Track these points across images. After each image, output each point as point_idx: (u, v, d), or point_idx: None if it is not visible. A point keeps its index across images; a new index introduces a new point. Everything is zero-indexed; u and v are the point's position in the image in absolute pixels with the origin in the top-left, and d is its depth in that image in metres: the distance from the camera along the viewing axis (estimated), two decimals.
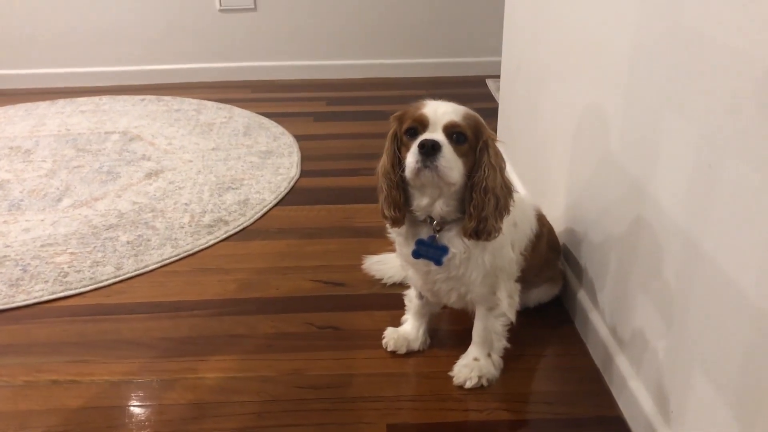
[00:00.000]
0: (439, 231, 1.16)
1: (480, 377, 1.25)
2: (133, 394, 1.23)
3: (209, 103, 2.83)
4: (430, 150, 1.06)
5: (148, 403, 1.21)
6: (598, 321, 1.32)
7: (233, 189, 2.02)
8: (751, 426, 0.81)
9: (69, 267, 1.62)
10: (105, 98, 2.91)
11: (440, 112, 1.09)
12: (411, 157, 1.07)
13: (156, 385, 1.25)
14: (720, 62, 0.85)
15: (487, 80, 3.06)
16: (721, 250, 0.86)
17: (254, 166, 2.19)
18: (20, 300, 1.49)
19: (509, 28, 2.04)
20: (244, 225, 1.83)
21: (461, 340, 1.31)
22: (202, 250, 1.71)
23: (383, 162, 1.16)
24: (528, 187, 1.83)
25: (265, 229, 1.83)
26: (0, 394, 1.22)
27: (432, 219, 1.16)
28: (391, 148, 1.14)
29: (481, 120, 1.12)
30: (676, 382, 1.01)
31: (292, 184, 2.07)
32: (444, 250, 1.16)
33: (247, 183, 2.06)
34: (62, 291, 1.53)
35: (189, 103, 2.83)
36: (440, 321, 1.43)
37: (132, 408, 1.20)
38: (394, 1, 3.05)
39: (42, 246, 1.71)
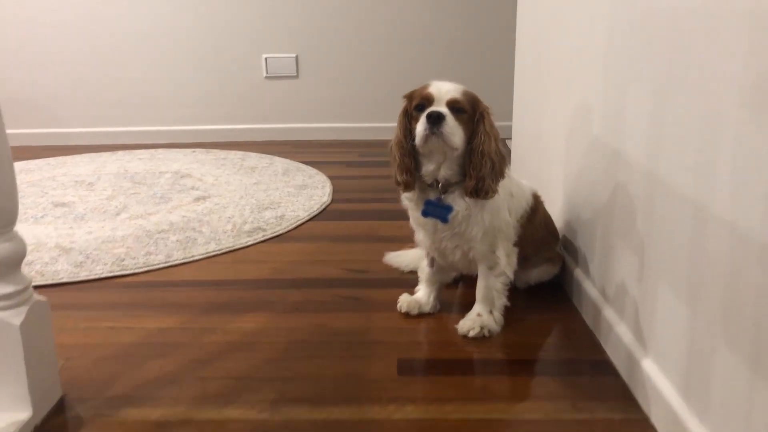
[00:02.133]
0: (444, 193, 1.36)
1: (482, 328, 1.40)
2: (178, 336, 1.41)
3: (253, 154, 3.13)
4: (436, 119, 1.28)
5: (190, 340, 1.39)
6: (590, 287, 1.47)
7: (271, 209, 2.25)
8: (696, 316, 0.97)
9: (125, 255, 1.84)
10: (160, 150, 3.24)
11: (443, 90, 1.32)
12: (420, 126, 1.30)
13: (198, 332, 1.43)
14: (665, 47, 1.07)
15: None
16: (676, 179, 1.05)
17: (291, 194, 2.43)
18: (83, 276, 1.71)
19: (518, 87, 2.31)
20: (280, 232, 2.04)
21: (468, 310, 1.46)
22: (242, 248, 1.92)
23: (396, 134, 1.38)
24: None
25: (298, 236, 2.04)
26: (66, 333, 1.41)
27: (438, 182, 1.36)
28: (403, 122, 1.37)
29: (478, 96, 1.34)
30: (647, 310, 1.16)
31: (324, 206, 2.30)
32: (449, 208, 1.36)
33: (284, 205, 2.29)
34: (119, 271, 1.74)
35: (234, 154, 3.13)
36: (451, 298, 1.59)
37: (176, 344, 1.38)
38: (418, 72, 3.37)
39: (102, 242, 1.95)
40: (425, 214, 1.38)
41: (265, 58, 3.46)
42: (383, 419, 1.12)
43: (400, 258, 1.78)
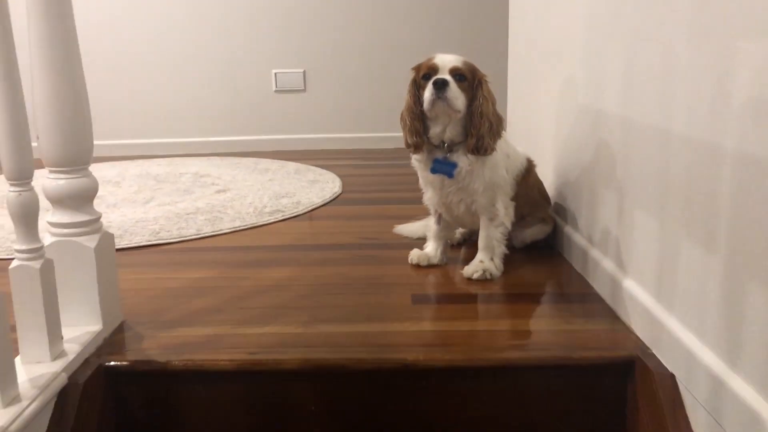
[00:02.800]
0: (449, 152, 1.57)
1: (484, 271, 1.59)
2: (217, 282, 1.60)
3: (265, 160, 3.34)
4: (441, 85, 1.49)
5: (229, 284, 1.58)
6: (578, 238, 1.67)
7: (287, 197, 2.45)
8: (663, 226, 1.17)
9: (160, 229, 2.03)
10: (177, 159, 3.45)
11: (446, 60, 1.53)
12: (427, 92, 1.51)
13: (234, 279, 1.62)
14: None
15: None
16: (644, 116, 1.26)
17: (304, 187, 2.63)
18: (123, 244, 1.90)
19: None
20: (297, 213, 2.24)
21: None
22: (264, 224, 2.12)
23: (407, 101, 1.59)
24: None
25: (314, 215, 2.24)
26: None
27: (444, 143, 1.57)
28: (412, 90, 1.58)
29: (476, 66, 1.56)
30: (626, 240, 1.36)
31: (335, 195, 2.50)
32: (454, 164, 1.56)
33: (299, 194, 2.50)
34: (156, 240, 1.94)
35: (248, 160, 3.35)
36: (456, 256, 1.78)
37: (216, 287, 1.56)
38: None
39: (137, 222, 2.14)
40: (434, 171, 1.58)
41: (275, 73, 3.70)
42: (402, 331, 1.30)
43: (408, 228, 1.98)
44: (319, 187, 2.63)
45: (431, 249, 1.72)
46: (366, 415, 1.21)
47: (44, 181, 1.21)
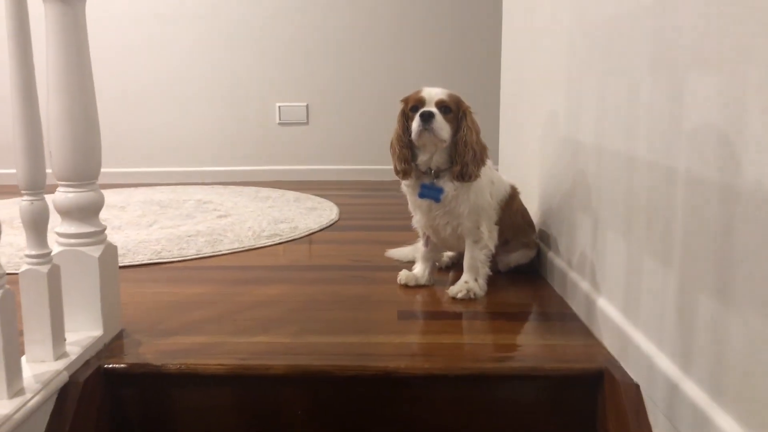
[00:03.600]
0: (436, 178, 1.66)
1: (468, 291, 1.67)
2: (213, 297, 1.68)
3: (266, 188, 3.44)
4: (427, 117, 1.59)
5: (224, 299, 1.66)
6: (559, 261, 1.75)
7: (285, 222, 2.54)
8: (630, 245, 1.25)
9: (161, 249, 2.12)
10: (179, 186, 3.56)
11: (432, 93, 1.63)
12: (415, 123, 1.61)
13: (230, 295, 1.70)
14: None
15: None
16: (613, 144, 1.35)
17: (302, 214, 2.73)
18: (126, 262, 1.98)
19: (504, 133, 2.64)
20: (294, 237, 2.33)
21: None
22: (262, 247, 2.20)
23: (396, 131, 1.69)
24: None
25: (310, 240, 2.33)
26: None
27: (431, 169, 1.66)
28: (401, 120, 1.68)
29: (461, 98, 1.66)
30: (599, 262, 1.44)
31: (332, 222, 2.59)
32: (440, 190, 1.66)
33: (297, 220, 2.59)
34: (157, 259, 2.02)
35: (249, 188, 3.45)
36: (444, 279, 1.86)
37: (213, 301, 1.64)
38: None
39: (139, 242, 2.23)
40: (422, 195, 1.67)
41: (279, 107, 3.83)
42: (386, 342, 1.37)
43: (399, 252, 2.06)
44: (317, 214, 2.72)
45: (419, 270, 1.80)
46: (349, 420, 1.27)
47: (55, 194, 1.30)
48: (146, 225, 2.52)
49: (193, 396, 1.27)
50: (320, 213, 2.74)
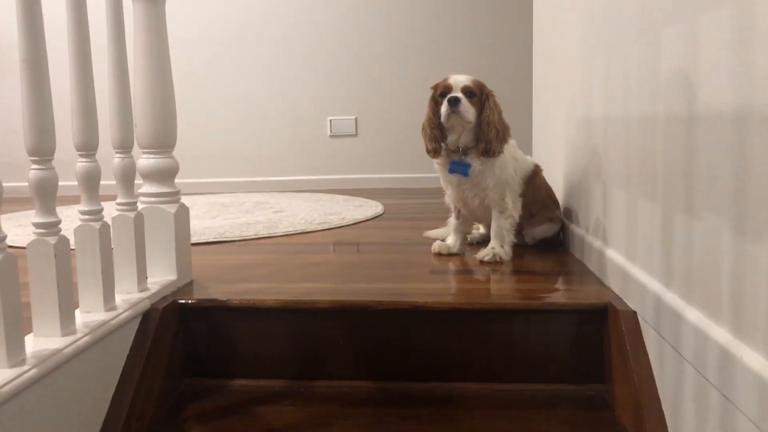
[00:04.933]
0: (464, 155, 1.87)
1: (495, 255, 1.86)
2: (269, 261, 1.91)
3: (318, 193, 3.70)
4: (454, 102, 1.80)
5: (278, 262, 1.89)
6: (579, 231, 1.92)
7: (335, 215, 2.78)
8: (629, 192, 1.43)
9: (224, 231, 2.38)
10: (240, 193, 3.85)
11: (458, 80, 1.85)
12: (444, 108, 1.82)
13: (284, 260, 1.93)
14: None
15: None
16: (614, 107, 1.54)
17: (350, 210, 2.96)
18: (193, 240, 2.24)
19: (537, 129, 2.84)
20: (342, 225, 2.56)
21: None
22: (312, 231, 2.44)
23: (427, 114, 1.90)
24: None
25: (357, 227, 2.55)
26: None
27: (459, 148, 1.87)
28: (431, 105, 1.90)
29: (484, 83, 1.87)
30: (609, 220, 1.61)
31: (377, 215, 2.82)
32: (468, 165, 1.86)
33: (345, 213, 2.82)
34: (221, 239, 2.28)
35: (302, 194, 3.72)
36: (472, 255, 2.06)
37: (268, 263, 1.87)
38: None
39: (205, 228, 2.50)
40: (451, 171, 1.88)
41: (330, 120, 4.11)
42: (418, 287, 1.58)
43: (435, 232, 2.26)
44: (363, 209, 2.95)
45: (451, 240, 1.99)
46: (382, 348, 1.47)
47: (139, 161, 1.56)
48: (210, 218, 2.79)
49: (252, 326, 1.49)
50: (366, 209, 2.97)
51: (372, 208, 3.01)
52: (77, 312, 1.25)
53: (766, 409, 0.80)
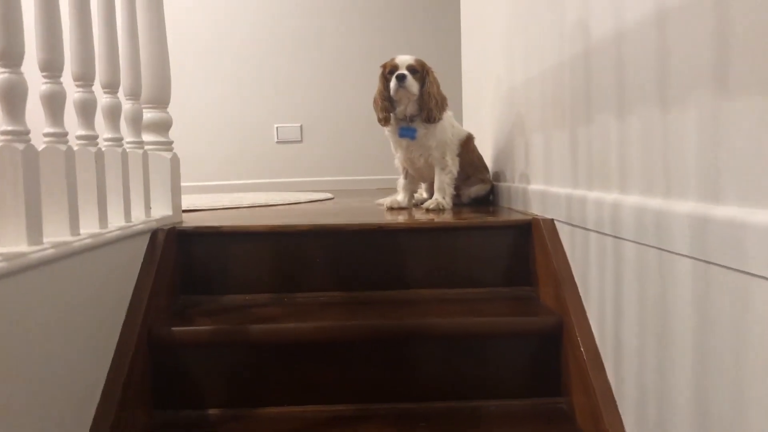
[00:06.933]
0: (410, 122, 2.23)
1: (438, 204, 2.21)
2: (248, 214, 2.20)
3: (270, 193, 3.99)
4: (401, 78, 2.17)
5: (257, 214, 2.17)
6: (506, 184, 2.29)
7: (293, 199, 3.08)
8: (545, 135, 1.81)
9: (191, 204, 2.64)
10: (192, 195, 4.09)
11: (404, 59, 2.22)
12: (392, 83, 2.19)
13: (263, 214, 2.22)
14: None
15: None
16: (532, 72, 1.94)
17: (304, 196, 3.27)
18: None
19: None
20: (299, 202, 2.86)
21: None
22: (274, 205, 2.73)
23: (378, 88, 2.26)
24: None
25: (314, 204, 2.86)
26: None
27: (406, 117, 2.23)
28: (381, 81, 2.26)
29: (425, 61, 2.24)
30: (530, 163, 1.99)
31: (330, 198, 3.13)
32: (414, 130, 2.22)
33: (300, 197, 3.13)
34: (192, 207, 2.54)
35: (255, 193, 4.00)
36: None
37: (248, 215, 2.16)
38: None
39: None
40: (401, 135, 2.24)
41: (276, 127, 4.42)
42: (379, 220, 1.90)
43: (384, 200, 2.59)
44: (316, 196, 3.27)
45: (401, 197, 2.34)
46: (353, 261, 1.78)
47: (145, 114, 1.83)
48: None
49: (243, 247, 1.77)
50: (317, 196, 3.29)
51: (321, 195, 3.33)
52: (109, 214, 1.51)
53: (640, 226, 1.15)
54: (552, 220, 1.71)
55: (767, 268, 0.78)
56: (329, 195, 3.31)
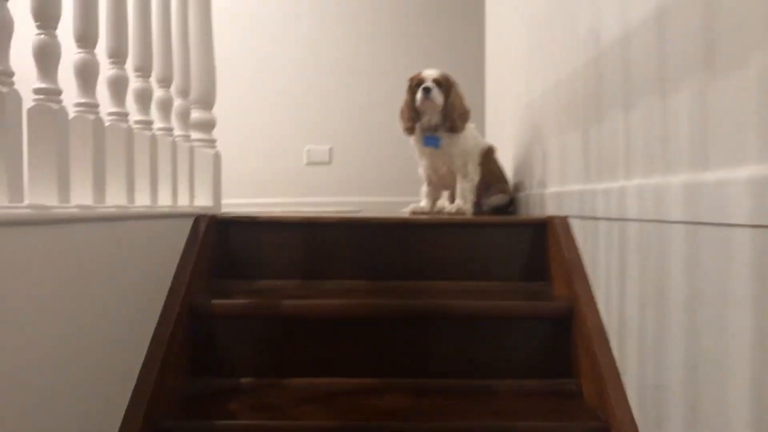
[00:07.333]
0: (434, 132, 2.38)
1: (459, 208, 2.34)
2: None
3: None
4: (427, 91, 2.33)
5: (283, 208, 2.32)
6: (525, 193, 2.42)
7: (321, 212, 3.23)
8: (560, 140, 1.94)
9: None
10: None
11: (429, 73, 2.37)
12: (419, 95, 2.34)
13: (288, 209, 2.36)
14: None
15: None
16: (549, 82, 2.08)
17: (331, 210, 3.42)
18: None
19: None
20: (328, 212, 3.01)
21: None
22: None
23: (405, 100, 2.41)
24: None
25: (342, 214, 3.01)
26: None
27: (431, 126, 2.38)
28: (408, 93, 2.41)
29: (449, 75, 2.40)
30: (547, 171, 2.12)
31: (358, 211, 3.28)
32: (438, 139, 2.37)
33: (328, 209, 3.27)
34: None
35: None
36: None
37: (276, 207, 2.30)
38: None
39: None
40: (426, 144, 2.38)
41: (307, 149, 4.60)
42: (404, 217, 2.03)
43: (409, 207, 2.74)
44: (341, 208, 3.41)
45: (424, 203, 2.47)
46: (378, 254, 1.91)
47: (192, 113, 2.00)
48: None
49: (276, 236, 1.91)
50: (345, 208, 3.43)
51: (351, 208, 3.47)
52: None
53: (642, 205, 1.26)
54: (566, 217, 1.82)
55: (745, 216, 0.90)
56: (357, 209, 3.45)
